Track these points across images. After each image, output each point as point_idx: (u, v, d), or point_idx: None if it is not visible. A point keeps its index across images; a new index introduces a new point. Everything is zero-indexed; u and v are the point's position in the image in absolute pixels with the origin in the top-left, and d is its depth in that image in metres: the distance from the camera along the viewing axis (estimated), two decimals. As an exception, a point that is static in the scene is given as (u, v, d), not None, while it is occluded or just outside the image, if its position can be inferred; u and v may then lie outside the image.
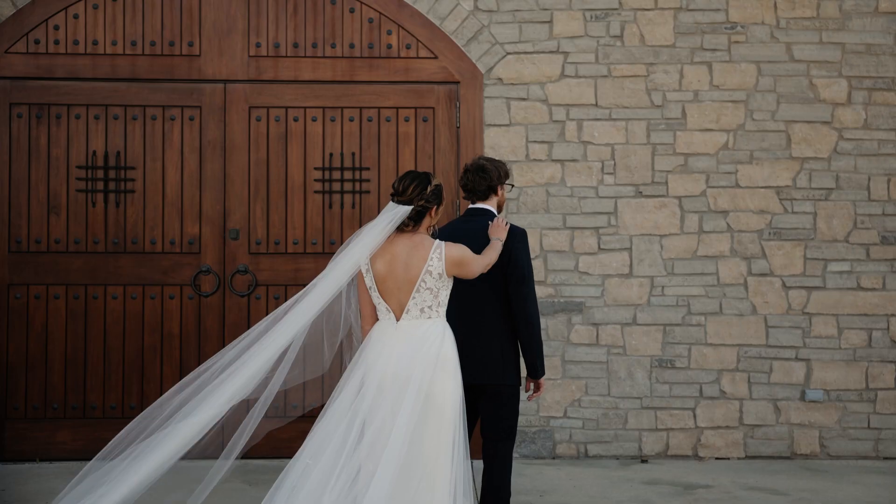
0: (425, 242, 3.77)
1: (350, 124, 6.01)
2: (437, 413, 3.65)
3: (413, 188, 3.77)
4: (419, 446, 3.60)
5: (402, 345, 3.71)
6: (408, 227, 3.77)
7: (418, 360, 3.67)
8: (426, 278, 3.73)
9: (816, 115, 6.06)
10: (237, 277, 5.95)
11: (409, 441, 3.54)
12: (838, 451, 6.01)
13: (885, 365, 6.03)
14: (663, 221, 6.02)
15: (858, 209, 6.05)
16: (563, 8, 6.03)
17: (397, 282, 3.75)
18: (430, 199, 3.80)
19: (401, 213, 3.76)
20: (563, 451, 5.97)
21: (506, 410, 4.15)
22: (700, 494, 5.20)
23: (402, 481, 3.56)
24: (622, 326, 6.00)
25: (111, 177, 5.94)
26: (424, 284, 3.73)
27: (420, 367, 3.65)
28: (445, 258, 3.74)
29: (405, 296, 3.75)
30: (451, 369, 3.73)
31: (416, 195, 3.77)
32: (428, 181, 3.81)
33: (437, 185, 3.85)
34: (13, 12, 5.88)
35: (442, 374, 3.70)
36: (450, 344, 3.78)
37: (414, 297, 3.74)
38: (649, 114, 6.04)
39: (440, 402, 3.66)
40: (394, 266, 3.75)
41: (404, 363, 3.66)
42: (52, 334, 5.88)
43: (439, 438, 3.64)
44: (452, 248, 3.78)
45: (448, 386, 3.70)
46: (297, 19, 6.01)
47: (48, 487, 5.25)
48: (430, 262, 3.73)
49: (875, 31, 6.06)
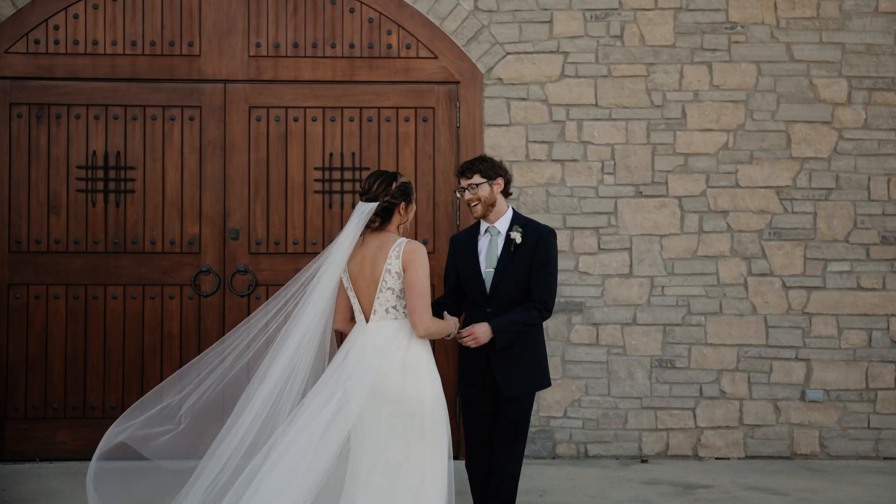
0: (390, 240, 3.75)
1: (350, 124, 6.01)
2: (410, 419, 3.60)
3: (377, 185, 3.79)
4: (383, 451, 3.56)
5: (370, 346, 3.69)
6: (374, 223, 3.77)
7: (384, 363, 3.63)
8: (386, 277, 3.71)
9: (816, 115, 6.06)
10: (237, 277, 5.95)
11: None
12: (838, 451, 6.01)
13: (885, 365, 6.03)
14: (663, 221, 6.02)
15: (858, 209, 6.05)
16: (563, 8, 6.03)
17: (366, 281, 3.75)
18: (395, 196, 3.80)
19: (367, 210, 3.76)
20: (563, 451, 5.97)
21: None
22: (700, 494, 5.20)
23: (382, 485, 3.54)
24: (622, 326, 6.00)
25: (111, 177, 5.94)
26: (385, 284, 3.72)
27: (384, 370, 3.61)
28: (402, 255, 3.70)
29: (372, 296, 3.74)
30: (423, 373, 3.68)
31: (382, 191, 3.78)
32: (394, 178, 3.83)
33: (404, 182, 3.85)
34: (13, 12, 5.88)
35: (413, 378, 3.65)
36: (418, 346, 3.72)
37: (378, 296, 3.73)
38: (649, 114, 6.04)
39: (413, 407, 3.61)
40: (363, 266, 3.76)
41: (369, 365, 3.63)
42: (52, 334, 5.88)
43: (419, 444, 3.59)
44: (412, 245, 3.72)
45: (425, 387, 3.65)
46: (297, 19, 6.01)
47: (48, 487, 5.25)
48: (389, 261, 3.71)
49: (875, 31, 6.06)
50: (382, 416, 3.61)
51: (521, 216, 4.34)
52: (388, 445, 3.59)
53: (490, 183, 4.26)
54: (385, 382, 3.61)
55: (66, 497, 5.06)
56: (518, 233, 4.22)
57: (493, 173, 4.27)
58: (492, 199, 4.27)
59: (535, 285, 4.19)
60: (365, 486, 3.56)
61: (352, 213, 3.81)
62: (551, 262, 4.24)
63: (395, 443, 3.59)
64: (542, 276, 4.20)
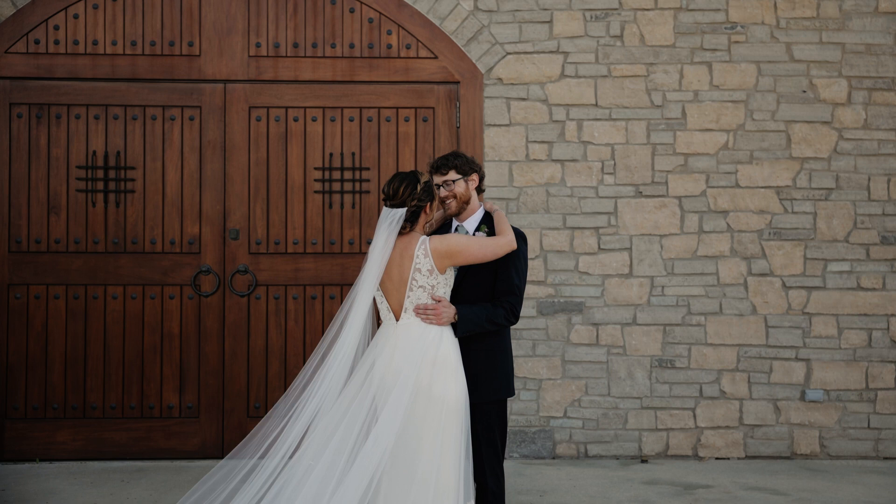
0: (413, 240, 3.77)
1: (350, 124, 6.01)
2: (439, 413, 3.64)
3: (403, 189, 3.77)
4: (416, 445, 3.60)
5: (401, 344, 3.73)
6: (405, 229, 3.78)
7: (414, 358, 3.67)
8: (416, 276, 3.74)
9: (816, 115, 6.06)
10: (237, 277, 5.95)
11: (396, 434, 3.53)
12: (838, 451, 6.01)
13: (885, 365, 6.03)
14: (663, 221, 6.02)
15: (858, 209, 6.05)
16: (563, 8, 6.03)
17: (394, 283, 3.78)
18: (422, 198, 3.81)
19: (398, 217, 3.75)
20: (563, 451, 5.97)
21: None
22: (700, 494, 5.20)
23: (399, 479, 3.57)
24: (622, 326, 6.00)
25: (111, 177, 5.94)
26: (416, 283, 3.75)
27: (415, 366, 3.65)
28: (432, 253, 3.73)
29: (401, 296, 3.77)
30: (451, 369, 3.73)
31: (408, 196, 3.77)
32: (417, 180, 3.81)
33: (427, 182, 3.85)
34: (13, 12, 5.88)
35: (442, 374, 3.70)
36: (449, 343, 3.78)
37: (408, 295, 3.76)
38: (649, 114, 6.04)
39: (442, 402, 3.65)
40: (391, 267, 3.78)
41: (401, 362, 3.67)
42: (52, 334, 5.88)
43: (443, 439, 3.62)
44: (437, 240, 3.76)
45: (450, 386, 3.69)
46: (297, 19, 6.01)
47: (48, 487, 5.25)
48: (417, 259, 3.73)
49: (875, 31, 6.06)
50: (415, 410, 3.64)
51: (492, 219, 4.19)
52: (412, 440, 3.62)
53: (465, 179, 4.18)
54: (416, 379, 3.66)
55: (65, 497, 5.06)
56: (483, 233, 4.14)
57: (468, 168, 4.20)
58: (467, 196, 4.19)
59: (501, 289, 4.02)
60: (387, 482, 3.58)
61: (378, 222, 3.80)
62: (519, 267, 4.05)
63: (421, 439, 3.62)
64: (508, 279, 4.02)
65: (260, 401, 5.92)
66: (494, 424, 4.02)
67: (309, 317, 5.96)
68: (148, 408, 5.90)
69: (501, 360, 4.06)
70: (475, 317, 3.91)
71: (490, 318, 3.94)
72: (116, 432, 5.90)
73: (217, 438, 5.92)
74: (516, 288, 4.01)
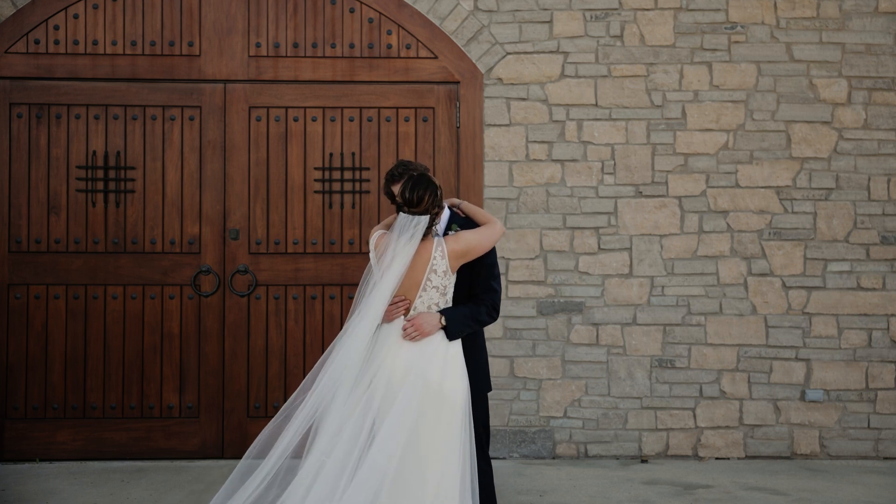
0: (428, 242, 3.83)
1: (350, 124, 6.01)
2: (450, 410, 3.71)
3: (428, 198, 3.77)
4: (428, 441, 3.64)
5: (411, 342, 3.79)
6: (428, 234, 3.82)
7: (425, 356, 3.74)
8: (431, 277, 3.82)
9: (816, 115, 6.06)
10: (237, 277, 5.95)
11: (408, 429, 3.58)
12: (838, 451, 6.01)
13: (885, 365, 6.03)
14: (663, 221, 6.02)
15: (858, 209, 6.05)
16: (563, 8, 6.03)
17: (405, 285, 3.83)
18: (440, 204, 3.87)
19: (422, 225, 3.77)
20: (563, 451, 5.97)
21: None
22: (700, 494, 5.20)
23: (409, 474, 3.58)
24: (622, 326, 6.00)
25: (111, 177, 5.94)
26: (430, 283, 3.83)
27: (425, 363, 3.72)
28: (448, 254, 3.81)
29: (413, 295, 3.83)
30: (459, 368, 3.82)
31: (431, 203, 3.79)
32: (435, 186, 3.83)
33: (440, 186, 3.89)
34: (13, 12, 5.88)
35: (452, 372, 3.78)
36: (457, 343, 3.87)
37: (421, 296, 3.82)
38: (649, 114, 6.04)
39: (452, 399, 3.72)
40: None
41: (412, 359, 3.74)
42: (52, 334, 5.88)
43: (451, 435, 3.69)
44: (452, 241, 3.83)
45: (458, 384, 3.77)
46: (297, 19, 6.01)
47: (48, 487, 5.25)
48: (434, 261, 3.80)
49: (875, 31, 6.06)
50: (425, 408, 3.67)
51: (459, 217, 4.17)
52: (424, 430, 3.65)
53: None
54: (427, 375, 3.71)
55: (65, 497, 5.06)
56: (454, 231, 4.12)
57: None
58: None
59: (478, 287, 4.03)
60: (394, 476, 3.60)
61: (394, 226, 3.81)
62: (493, 264, 4.07)
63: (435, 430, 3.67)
64: (484, 277, 4.03)
65: (260, 401, 5.92)
66: (481, 419, 4.06)
67: (309, 317, 5.96)
68: (148, 408, 5.91)
69: (483, 356, 4.14)
70: (463, 318, 3.94)
71: (475, 317, 3.97)
72: (116, 432, 5.90)
73: (217, 438, 5.92)
74: (495, 283, 4.05)
